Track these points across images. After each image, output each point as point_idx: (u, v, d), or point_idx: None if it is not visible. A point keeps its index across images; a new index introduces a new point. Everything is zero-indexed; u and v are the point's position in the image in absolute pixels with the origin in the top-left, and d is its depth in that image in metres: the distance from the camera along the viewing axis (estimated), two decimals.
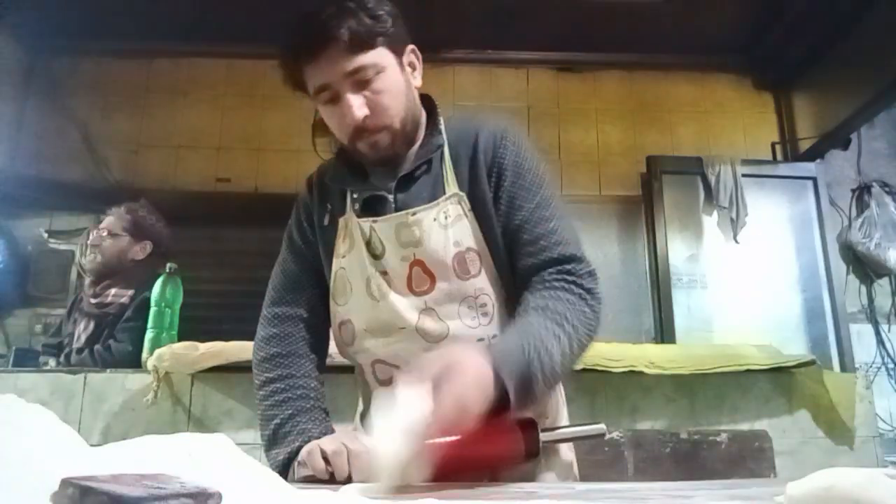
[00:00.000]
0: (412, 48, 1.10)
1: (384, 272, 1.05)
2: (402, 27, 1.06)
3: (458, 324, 1.01)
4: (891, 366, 3.39)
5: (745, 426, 1.99)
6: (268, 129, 3.62)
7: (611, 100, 3.78)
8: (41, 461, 0.50)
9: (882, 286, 3.53)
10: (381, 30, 1.01)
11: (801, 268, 3.47)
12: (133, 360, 2.08)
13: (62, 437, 0.56)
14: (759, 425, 1.98)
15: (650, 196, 3.47)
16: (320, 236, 1.15)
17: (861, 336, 3.41)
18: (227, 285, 3.41)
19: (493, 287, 1.04)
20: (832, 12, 3.12)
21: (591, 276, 1.01)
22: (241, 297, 3.46)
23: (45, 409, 0.57)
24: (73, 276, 3.35)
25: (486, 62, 3.76)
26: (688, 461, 1.58)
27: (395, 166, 1.09)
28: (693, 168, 3.51)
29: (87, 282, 2.40)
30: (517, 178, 1.05)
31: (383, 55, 1.02)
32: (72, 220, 3.43)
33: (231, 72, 3.70)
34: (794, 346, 2.98)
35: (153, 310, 2.08)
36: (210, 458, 0.57)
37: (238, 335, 2.08)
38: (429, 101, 1.14)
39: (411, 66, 1.10)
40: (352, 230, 1.08)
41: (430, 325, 1.02)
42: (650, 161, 3.49)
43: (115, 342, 2.19)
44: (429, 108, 1.14)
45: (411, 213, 1.04)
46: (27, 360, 2.35)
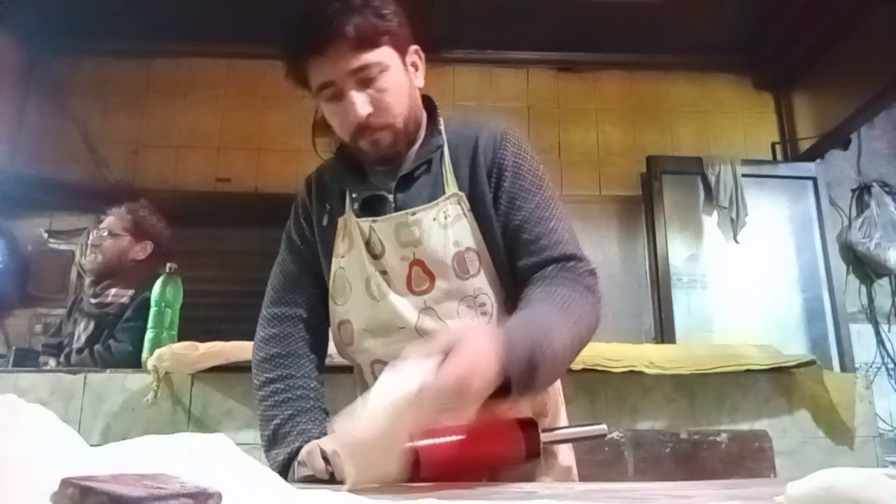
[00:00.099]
0: (416, 48, 1.10)
1: (383, 272, 1.05)
2: (406, 27, 1.06)
3: (458, 323, 1.01)
4: (891, 366, 3.39)
5: (745, 426, 1.99)
6: (268, 129, 3.63)
7: (611, 100, 3.78)
8: (41, 461, 0.50)
9: (882, 286, 3.53)
10: (386, 28, 1.01)
11: (801, 268, 3.47)
12: (133, 360, 2.08)
13: (62, 437, 0.56)
14: (759, 425, 1.98)
15: (650, 196, 3.47)
16: (319, 236, 1.15)
17: (861, 336, 3.41)
18: (227, 285, 3.41)
19: (492, 287, 1.04)
20: (832, 12, 3.12)
21: (592, 274, 1.01)
22: (241, 297, 3.46)
23: (45, 409, 0.57)
24: (73, 276, 3.36)
25: (486, 62, 3.76)
26: (688, 461, 1.58)
27: (396, 166, 1.09)
28: (693, 168, 3.51)
29: (88, 282, 2.40)
30: (517, 178, 1.05)
31: (388, 54, 1.02)
32: (72, 220, 3.44)
33: (231, 72, 3.70)
34: (794, 346, 2.98)
35: (153, 310, 2.08)
36: (210, 458, 0.57)
37: (238, 335, 2.08)
38: (429, 101, 1.15)
39: (414, 66, 1.10)
40: (351, 230, 1.08)
41: (430, 325, 1.02)
42: (650, 161, 3.49)
43: (116, 342, 2.19)
44: (429, 109, 1.14)
45: (411, 212, 1.04)
46: (27, 360, 2.36)
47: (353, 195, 1.11)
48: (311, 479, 0.94)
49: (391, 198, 1.07)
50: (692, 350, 2.25)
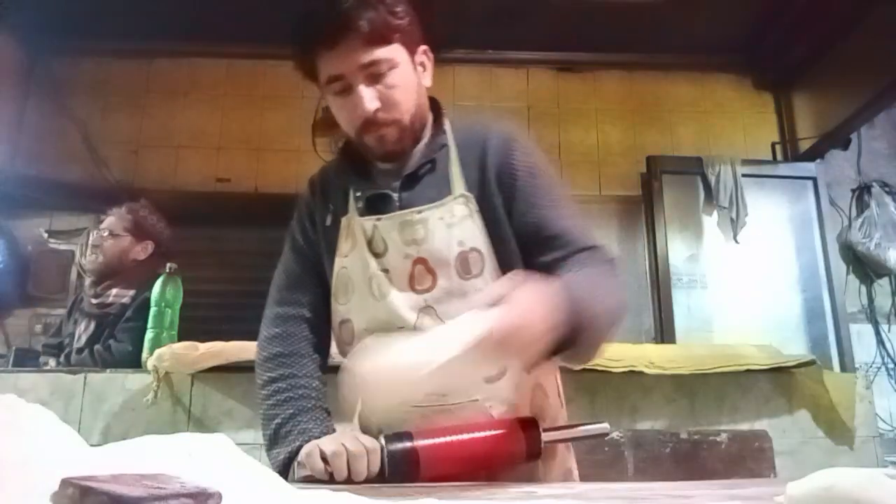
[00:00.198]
0: (424, 49, 1.11)
1: (385, 270, 1.05)
2: (416, 26, 1.07)
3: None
4: (891, 366, 3.39)
5: (745, 426, 1.99)
6: (268, 129, 3.63)
7: (611, 100, 3.78)
8: (41, 461, 0.50)
9: (882, 286, 3.53)
10: (398, 26, 1.03)
11: (801, 268, 3.47)
12: (133, 360, 2.09)
13: (62, 437, 0.56)
14: (759, 425, 1.98)
15: (650, 196, 3.47)
16: (323, 236, 1.15)
17: (861, 336, 3.41)
18: (227, 285, 3.41)
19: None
20: (832, 12, 3.12)
21: (612, 262, 1.03)
22: (241, 297, 3.47)
23: (45, 409, 0.57)
24: (73, 276, 3.35)
25: (486, 62, 3.76)
26: (688, 461, 1.58)
27: (400, 164, 1.10)
28: (693, 168, 3.50)
29: (88, 282, 2.40)
30: (531, 178, 1.06)
31: (398, 51, 1.04)
32: (72, 220, 3.44)
33: (231, 72, 3.70)
34: (794, 346, 2.98)
35: (153, 310, 2.08)
36: (210, 458, 0.57)
37: (238, 335, 2.08)
38: (434, 103, 1.16)
39: (422, 65, 1.11)
40: (354, 229, 1.09)
41: (428, 324, 1.02)
42: (650, 161, 3.49)
43: (116, 342, 2.19)
44: (434, 110, 1.15)
45: (417, 211, 1.05)
46: (27, 360, 2.36)
47: (357, 194, 1.11)
48: (311, 480, 0.94)
49: (395, 196, 1.08)
50: (692, 350, 2.26)
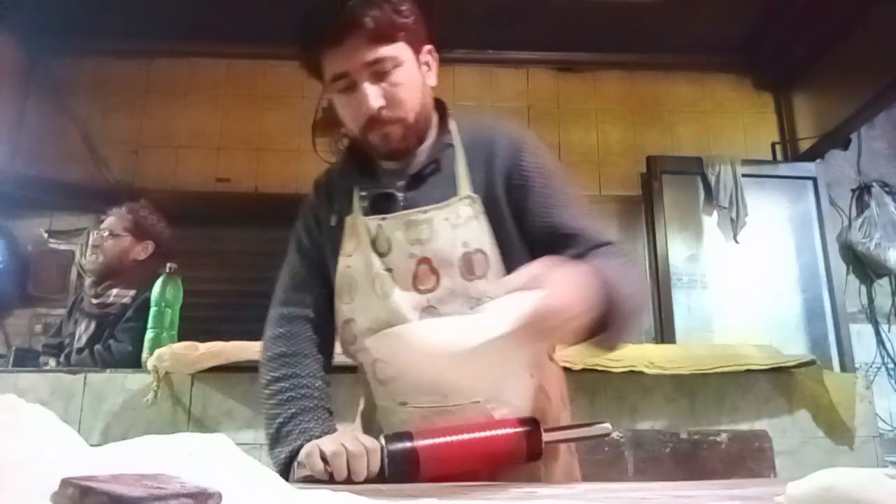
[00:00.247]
0: (430, 48, 1.11)
1: (389, 269, 1.05)
2: (422, 25, 1.08)
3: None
4: (891, 366, 3.39)
5: (745, 426, 1.99)
6: (268, 129, 3.62)
7: (611, 100, 3.78)
8: (41, 461, 0.50)
9: (882, 286, 3.53)
10: (403, 24, 1.03)
11: (801, 268, 3.47)
12: (133, 360, 2.08)
13: (62, 437, 0.56)
14: (759, 425, 1.98)
15: (650, 196, 3.47)
16: (327, 237, 1.15)
17: (861, 336, 3.40)
18: (227, 285, 3.41)
19: (498, 291, 1.03)
20: (832, 12, 3.12)
21: (628, 255, 1.04)
22: (241, 297, 3.48)
23: (45, 409, 0.57)
24: (73, 276, 3.35)
25: (486, 62, 3.76)
26: (688, 461, 1.58)
27: (405, 164, 1.10)
28: (693, 168, 3.50)
29: (89, 282, 2.40)
30: (543, 179, 1.07)
31: (403, 49, 1.04)
32: (72, 220, 3.43)
33: (231, 72, 3.70)
34: (794, 346, 2.98)
35: (153, 310, 2.08)
36: (210, 458, 0.57)
37: (238, 335, 2.08)
38: (439, 103, 1.16)
39: (427, 65, 1.11)
40: (358, 229, 1.09)
41: None
42: (650, 161, 3.49)
43: (116, 342, 2.19)
44: (440, 111, 1.16)
45: (422, 211, 1.05)
46: (27, 360, 2.36)
47: (362, 193, 1.12)
48: (311, 480, 0.94)
49: (400, 196, 1.08)
50: (692, 350, 2.25)
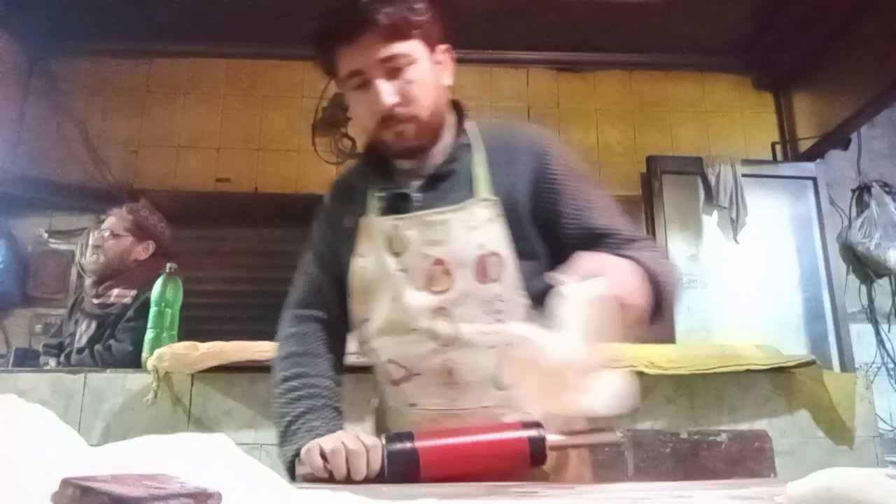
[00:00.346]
0: (446, 47, 1.11)
1: (403, 270, 1.05)
2: (437, 24, 1.08)
3: (470, 327, 1.01)
4: (891, 366, 3.39)
5: (745, 426, 1.99)
6: (268, 129, 3.62)
7: (611, 100, 3.78)
8: (41, 461, 0.50)
9: (882, 286, 3.53)
10: (417, 21, 1.03)
11: (801, 268, 3.47)
12: (133, 360, 2.08)
13: (62, 437, 0.56)
14: (759, 425, 1.98)
15: (650, 196, 3.47)
16: (343, 237, 1.15)
17: (861, 336, 3.41)
18: (227, 285, 3.41)
19: (513, 294, 1.03)
20: (832, 12, 3.12)
21: (659, 248, 1.08)
22: (241, 297, 3.49)
23: (45, 409, 0.57)
24: (73, 276, 3.36)
25: (486, 62, 3.75)
26: (688, 461, 1.58)
27: (420, 163, 1.10)
28: (693, 168, 3.50)
29: (90, 282, 2.40)
30: (574, 181, 1.07)
31: (417, 47, 1.04)
32: (72, 220, 3.44)
33: (231, 72, 3.70)
34: (794, 346, 2.97)
35: (153, 310, 2.08)
36: (210, 458, 0.57)
37: (238, 335, 2.08)
38: (456, 104, 1.16)
39: (442, 63, 1.11)
40: (373, 230, 1.09)
41: (441, 327, 1.02)
42: (650, 161, 3.49)
43: (116, 342, 2.19)
44: (457, 112, 1.15)
45: (438, 212, 1.05)
46: (27, 360, 2.35)
47: (378, 194, 1.12)
48: (313, 478, 0.94)
49: (416, 196, 1.08)
50: (692, 350, 2.25)
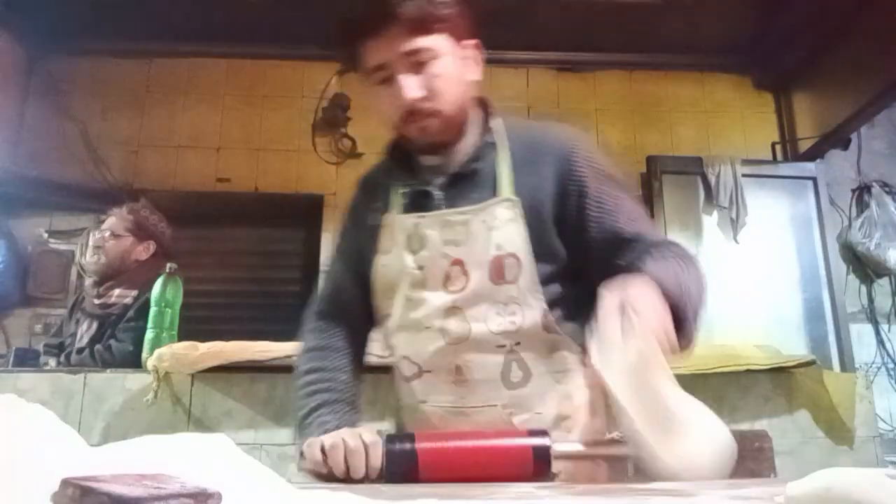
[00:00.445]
0: (474, 43, 1.11)
1: (421, 268, 1.06)
2: (465, 19, 1.07)
3: (482, 326, 1.01)
4: (891, 366, 3.39)
5: (745, 426, 1.99)
6: (268, 129, 3.62)
7: (611, 100, 3.78)
8: (41, 461, 0.50)
9: (882, 286, 3.53)
10: (442, 16, 1.02)
11: (801, 268, 3.47)
12: (133, 360, 2.09)
13: (62, 437, 0.56)
14: (759, 425, 1.98)
15: (650, 196, 3.46)
16: (367, 234, 1.15)
17: (861, 336, 3.41)
18: (227, 285, 3.42)
19: (528, 296, 1.02)
20: (832, 12, 3.12)
21: (687, 252, 1.02)
22: (241, 297, 3.49)
23: (45, 409, 0.57)
24: (73, 276, 3.36)
25: (486, 62, 3.74)
26: None
27: (444, 160, 1.09)
28: (693, 168, 3.50)
29: (90, 282, 2.40)
30: (601, 184, 1.05)
31: (442, 41, 1.03)
32: (72, 220, 3.44)
33: (231, 72, 3.70)
34: (794, 346, 2.97)
35: (153, 310, 2.08)
36: (210, 458, 0.57)
37: (238, 335, 2.09)
38: (483, 101, 1.15)
39: (469, 59, 1.10)
40: (395, 227, 1.09)
41: (454, 325, 1.02)
42: (650, 161, 3.49)
43: (116, 342, 2.19)
44: (483, 110, 1.14)
45: (459, 211, 1.04)
46: (27, 360, 2.35)
47: (401, 191, 1.12)
48: (316, 472, 0.96)
49: (438, 195, 1.08)
50: (692, 350, 2.25)
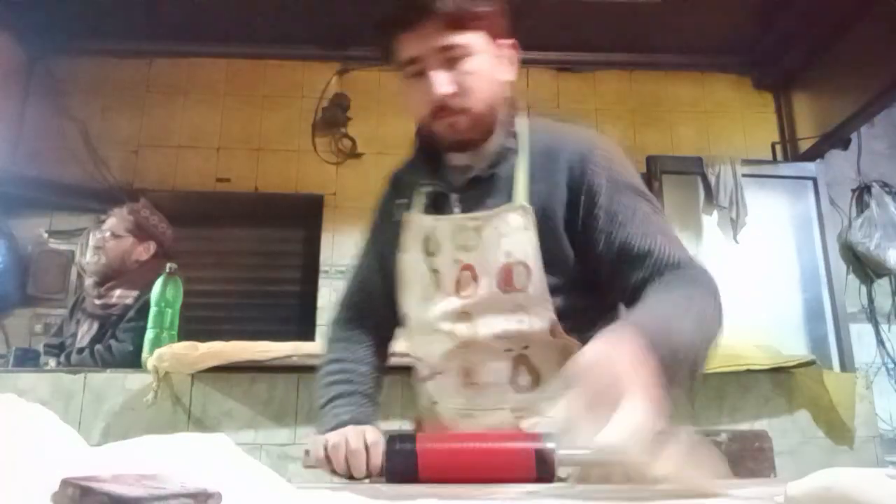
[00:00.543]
0: (511, 43, 1.09)
1: (435, 271, 1.06)
2: (503, 19, 1.07)
3: (489, 333, 1.01)
4: (891, 366, 3.39)
5: (745, 426, 1.99)
6: (268, 129, 3.62)
7: (611, 100, 3.78)
8: (41, 461, 0.50)
9: (882, 286, 3.53)
10: (479, 13, 1.02)
11: (801, 268, 3.47)
12: (133, 360, 2.08)
13: (62, 437, 0.56)
14: (759, 425, 1.98)
15: None
16: (392, 231, 1.16)
17: (861, 336, 3.41)
18: (227, 285, 3.42)
19: (537, 305, 1.01)
20: (832, 12, 3.12)
21: (707, 273, 0.96)
22: (241, 297, 3.49)
23: (45, 409, 0.57)
24: (73, 276, 3.36)
25: None
26: None
27: (472, 158, 1.08)
28: (693, 168, 3.51)
29: (91, 283, 2.39)
30: (615, 193, 1.00)
31: (477, 39, 1.03)
32: (72, 220, 3.44)
33: (231, 72, 3.70)
34: (794, 346, 2.97)
35: (153, 310, 2.08)
36: (210, 458, 0.57)
37: (238, 335, 2.09)
38: (513, 102, 1.13)
39: (504, 59, 1.09)
40: (414, 227, 1.10)
41: (462, 329, 1.03)
42: (650, 161, 3.49)
43: (117, 342, 2.19)
44: (513, 109, 1.13)
45: (472, 217, 1.04)
46: (27, 360, 2.35)
47: (423, 191, 1.12)
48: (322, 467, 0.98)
49: (456, 198, 1.08)
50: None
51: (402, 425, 1.35)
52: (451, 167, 1.11)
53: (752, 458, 1.58)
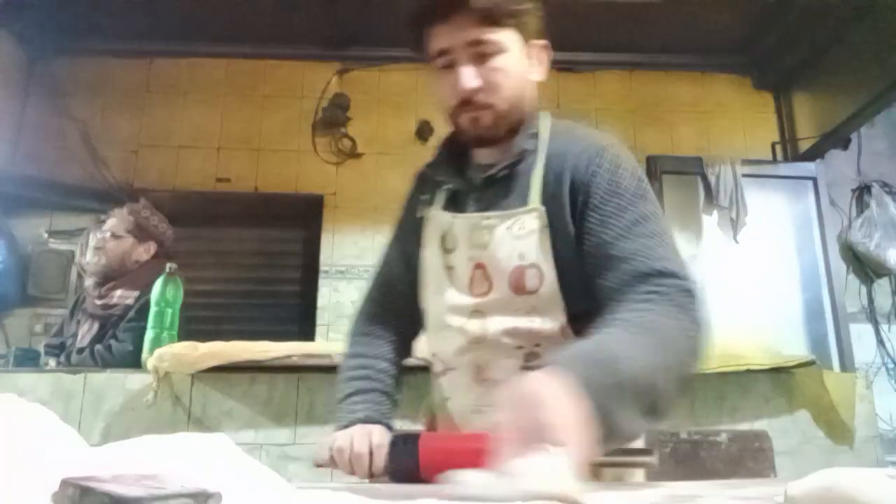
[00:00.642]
0: (544, 44, 1.09)
1: (450, 268, 1.07)
2: (537, 19, 1.07)
3: (500, 333, 1.02)
4: (891, 366, 3.39)
5: (745, 426, 1.99)
6: (268, 129, 3.62)
7: (611, 100, 3.78)
8: (41, 461, 0.50)
9: (882, 286, 3.53)
10: (513, 11, 1.02)
11: (801, 268, 3.47)
12: (134, 360, 2.08)
13: (62, 437, 0.56)
14: (759, 425, 1.98)
15: None
16: (415, 226, 1.16)
17: (861, 336, 3.41)
18: (227, 285, 3.41)
19: (550, 309, 1.00)
20: (832, 12, 3.12)
21: (688, 293, 0.89)
22: (241, 297, 3.49)
23: (45, 409, 0.57)
24: (73, 276, 3.36)
25: None
26: (688, 461, 1.58)
27: (496, 156, 1.07)
28: (693, 168, 3.51)
29: (92, 283, 2.39)
30: (610, 195, 0.98)
31: (509, 37, 1.03)
32: (72, 220, 3.43)
33: (231, 72, 3.70)
34: (794, 346, 2.98)
35: (153, 310, 2.08)
36: (210, 458, 0.57)
37: (238, 335, 2.09)
38: (537, 104, 1.12)
39: (535, 58, 1.08)
40: (433, 223, 1.11)
41: (473, 326, 1.03)
42: (650, 161, 3.49)
43: (117, 342, 2.19)
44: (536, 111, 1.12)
45: (486, 216, 1.04)
46: (27, 360, 2.35)
47: (445, 188, 1.12)
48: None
49: (474, 197, 1.08)
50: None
51: (403, 425, 1.34)
52: (476, 166, 1.11)
53: (752, 458, 1.58)
